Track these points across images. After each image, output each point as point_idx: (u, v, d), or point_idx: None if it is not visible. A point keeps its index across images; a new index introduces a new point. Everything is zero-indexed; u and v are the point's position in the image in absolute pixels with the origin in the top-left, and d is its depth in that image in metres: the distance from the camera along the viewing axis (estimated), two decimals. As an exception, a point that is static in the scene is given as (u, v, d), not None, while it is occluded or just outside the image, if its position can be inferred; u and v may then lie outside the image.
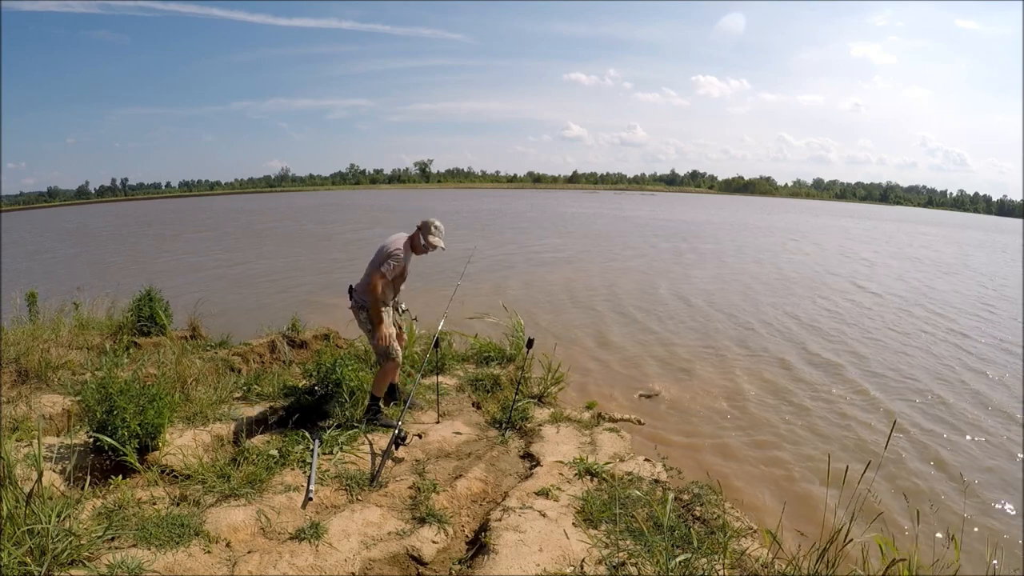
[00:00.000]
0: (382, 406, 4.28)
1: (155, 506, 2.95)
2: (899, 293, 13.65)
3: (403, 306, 4.53)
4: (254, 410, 4.35)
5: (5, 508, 2.35)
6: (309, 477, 3.36)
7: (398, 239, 4.10)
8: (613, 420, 4.96)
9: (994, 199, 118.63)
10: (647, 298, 12.19)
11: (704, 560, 2.64)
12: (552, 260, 17.62)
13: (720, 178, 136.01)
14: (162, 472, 3.34)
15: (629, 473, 3.71)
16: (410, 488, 3.37)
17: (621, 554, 2.75)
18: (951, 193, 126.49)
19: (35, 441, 2.70)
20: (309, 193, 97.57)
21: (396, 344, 4.12)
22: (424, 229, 4.08)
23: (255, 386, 4.81)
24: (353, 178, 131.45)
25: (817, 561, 2.48)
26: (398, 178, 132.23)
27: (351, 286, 4.19)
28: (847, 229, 36.22)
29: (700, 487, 3.52)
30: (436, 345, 4.66)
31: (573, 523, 3.02)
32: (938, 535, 3.90)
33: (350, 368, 4.49)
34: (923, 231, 39.11)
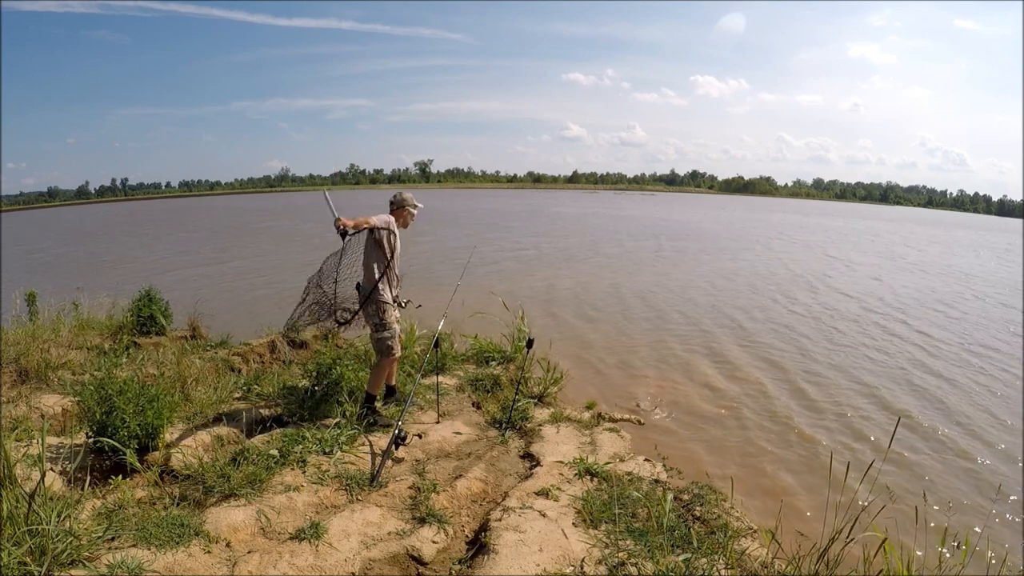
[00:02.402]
0: (379, 406, 4.27)
1: (155, 506, 2.95)
2: (883, 294, 13.66)
3: (404, 301, 4.46)
4: (254, 410, 4.35)
5: (5, 508, 2.35)
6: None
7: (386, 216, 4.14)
8: (613, 420, 4.96)
9: (994, 199, 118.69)
10: (641, 297, 12.20)
11: (704, 560, 2.64)
12: (546, 260, 17.63)
13: (720, 178, 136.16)
14: (162, 472, 3.34)
15: (629, 473, 3.71)
16: (410, 488, 3.37)
17: (621, 554, 2.75)
18: (951, 193, 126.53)
19: (35, 441, 2.70)
20: (309, 193, 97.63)
21: (396, 341, 4.15)
22: (405, 202, 4.19)
23: (255, 386, 4.81)
24: (353, 178, 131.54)
25: (817, 561, 2.48)
26: (398, 178, 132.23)
27: (358, 283, 4.15)
28: (844, 229, 36.25)
29: (700, 487, 3.52)
30: (436, 345, 4.66)
31: (573, 523, 3.02)
32: (940, 536, 3.90)
33: (350, 368, 4.49)
34: (917, 231, 39.06)
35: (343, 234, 3.81)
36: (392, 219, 4.11)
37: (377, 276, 4.01)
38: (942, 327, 10.41)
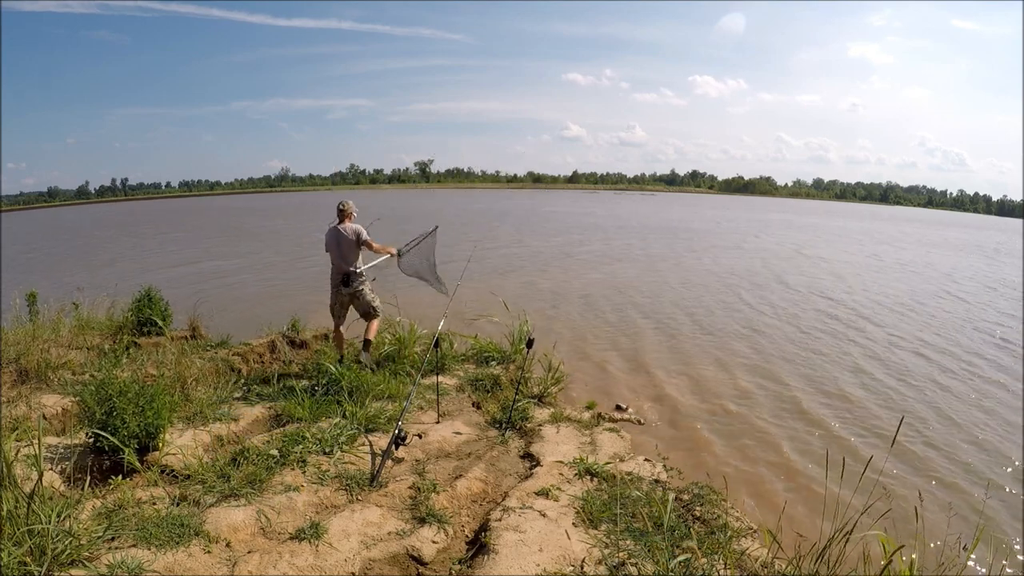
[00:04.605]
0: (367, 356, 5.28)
1: (155, 506, 2.95)
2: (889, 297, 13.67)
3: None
4: (254, 410, 4.35)
5: (5, 508, 2.35)
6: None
7: (352, 223, 5.29)
8: (613, 420, 4.97)
9: (994, 199, 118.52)
10: (638, 296, 12.20)
11: (704, 560, 2.64)
12: (541, 259, 17.64)
13: (720, 178, 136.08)
14: (162, 472, 3.34)
15: (629, 473, 3.71)
16: (410, 488, 3.37)
17: (621, 554, 2.75)
18: (951, 193, 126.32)
19: (35, 441, 2.70)
20: (309, 193, 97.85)
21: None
22: (351, 210, 5.35)
23: (255, 386, 4.82)
24: (353, 178, 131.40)
25: (817, 561, 2.48)
26: (398, 178, 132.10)
27: (346, 275, 5.20)
28: (842, 228, 36.28)
29: (700, 487, 3.52)
30: (436, 345, 4.66)
31: (573, 523, 3.03)
32: (939, 536, 3.91)
33: (350, 367, 4.50)
34: (907, 230, 38.88)
35: (399, 253, 5.33)
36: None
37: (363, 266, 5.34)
38: (934, 326, 10.42)
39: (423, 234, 5.35)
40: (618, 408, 5.60)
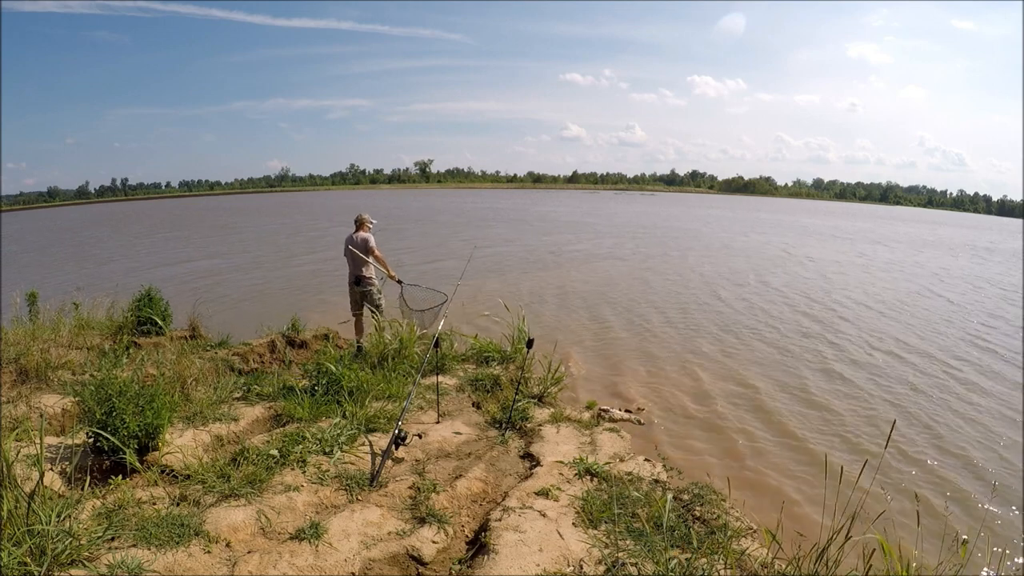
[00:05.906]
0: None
1: (155, 506, 2.95)
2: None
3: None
4: (254, 410, 4.35)
5: (5, 508, 2.35)
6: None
7: (365, 233, 6.12)
8: (613, 420, 4.97)
9: (994, 199, 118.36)
10: (636, 296, 12.21)
11: (704, 560, 2.64)
12: (538, 259, 17.65)
13: (720, 178, 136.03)
14: (162, 472, 3.35)
15: (629, 473, 3.71)
16: (410, 488, 3.37)
17: (621, 554, 2.75)
18: (951, 193, 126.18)
19: (35, 441, 2.70)
20: (309, 192, 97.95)
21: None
22: (365, 221, 6.24)
23: (255, 386, 4.82)
24: (353, 178, 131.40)
25: (817, 561, 2.48)
26: (398, 178, 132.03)
27: (357, 277, 6.09)
28: (847, 229, 36.29)
29: (700, 487, 3.52)
30: (436, 345, 4.66)
31: (573, 523, 3.03)
32: (938, 536, 3.90)
33: (350, 368, 4.50)
34: (901, 229, 38.81)
35: (399, 282, 6.09)
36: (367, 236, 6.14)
37: (372, 272, 6.17)
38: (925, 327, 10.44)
39: (437, 303, 5.86)
40: (603, 411, 5.54)
